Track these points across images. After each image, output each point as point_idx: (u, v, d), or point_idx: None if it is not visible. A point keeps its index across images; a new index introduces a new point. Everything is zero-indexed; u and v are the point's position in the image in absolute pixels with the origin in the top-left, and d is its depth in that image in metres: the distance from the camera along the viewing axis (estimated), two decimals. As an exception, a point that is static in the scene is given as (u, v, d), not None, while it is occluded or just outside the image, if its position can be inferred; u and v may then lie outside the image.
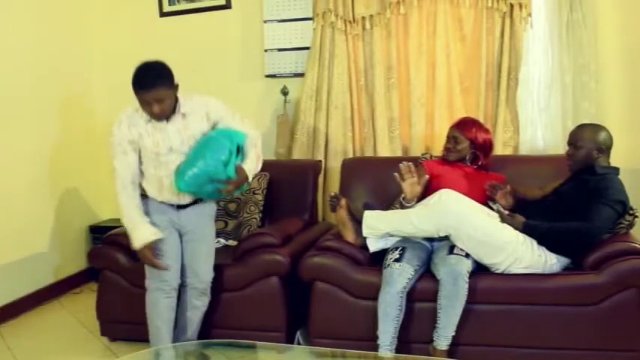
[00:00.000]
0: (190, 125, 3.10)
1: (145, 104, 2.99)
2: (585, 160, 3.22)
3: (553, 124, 4.20)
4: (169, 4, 4.88)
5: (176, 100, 3.09)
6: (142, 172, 3.18)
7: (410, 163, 3.46)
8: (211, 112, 3.17)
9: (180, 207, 3.22)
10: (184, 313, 3.28)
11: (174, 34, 4.87)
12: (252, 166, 3.16)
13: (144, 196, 3.21)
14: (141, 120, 3.10)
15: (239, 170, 3.07)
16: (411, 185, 3.43)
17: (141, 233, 3.10)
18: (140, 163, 3.16)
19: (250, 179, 3.17)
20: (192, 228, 3.25)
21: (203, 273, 3.27)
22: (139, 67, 3.03)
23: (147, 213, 3.16)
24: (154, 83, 2.94)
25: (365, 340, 3.11)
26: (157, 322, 3.18)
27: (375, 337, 3.05)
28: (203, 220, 3.30)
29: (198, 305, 3.29)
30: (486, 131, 3.70)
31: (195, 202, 3.24)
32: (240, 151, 3.12)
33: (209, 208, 3.34)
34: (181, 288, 3.26)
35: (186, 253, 3.26)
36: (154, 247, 3.12)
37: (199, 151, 3.04)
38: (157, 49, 4.86)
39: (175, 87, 3.05)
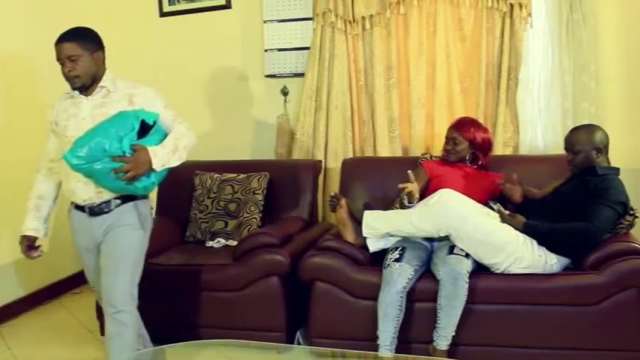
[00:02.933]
0: (108, 104, 2.79)
1: (60, 64, 2.83)
2: (586, 163, 3.22)
3: (553, 124, 4.20)
4: (169, 4, 4.87)
5: (102, 74, 2.86)
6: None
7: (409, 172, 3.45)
8: (137, 96, 2.83)
9: (93, 213, 2.83)
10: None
11: (174, 34, 4.87)
12: (162, 152, 2.72)
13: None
14: (65, 97, 2.92)
15: (139, 149, 2.65)
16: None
17: (24, 223, 3.00)
18: None
19: (158, 168, 2.71)
20: (104, 239, 2.84)
21: (111, 295, 2.80)
22: None
23: (72, 231, 2.96)
24: (67, 37, 2.81)
25: (365, 340, 3.11)
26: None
27: (375, 337, 3.05)
28: (118, 231, 2.83)
29: (111, 333, 2.81)
30: (485, 130, 3.71)
31: (108, 206, 2.81)
32: (148, 132, 2.73)
33: (129, 216, 2.86)
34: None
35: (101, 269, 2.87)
36: (29, 242, 3.00)
37: (99, 124, 2.68)
38: (157, 49, 4.90)
39: (96, 54, 2.86)
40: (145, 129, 2.72)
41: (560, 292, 3.04)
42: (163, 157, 2.73)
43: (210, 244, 3.96)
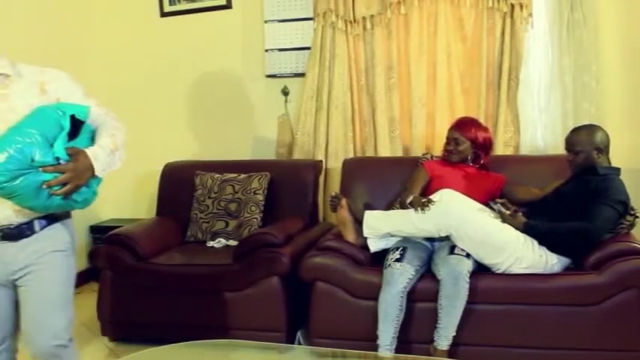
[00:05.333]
0: (12, 96, 2.11)
1: None
2: (586, 163, 3.22)
3: (553, 125, 4.19)
4: (170, 4, 4.87)
5: None
6: None
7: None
8: (49, 82, 2.20)
9: (8, 237, 2.16)
10: None
11: (175, 34, 4.87)
12: (102, 154, 2.15)
13: None
14: None
15: (76, 153, 2.06)
16: None
17: None
18: None
19: (100, 173, 2.15)
20: (28, 271, 2.20)
21: (43, 340, 2.24)
22: None
23: None
24: None
25: (365, 340, 3.11)
26: None
27: (375, 337, 3.05)
28: (48, 260, 2.22)
29: None
30: (485, 130, 3.71)
31: (31, 228, 2.18)
32: (79, 131, 2.15)
33: (60, 240, 2.28)
34: None
35: (20, 308, 2.26)
36: None
37: (14, 127, 2.01)
38: (158, 49, 4.90)
39: None
40: (74, 127, 2.13)
41: (561, 292, 3.04)
42: (105, 159, 2.16)
43: (210, 244, 3.96)
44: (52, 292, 2.24)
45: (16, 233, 2.17)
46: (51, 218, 2.23)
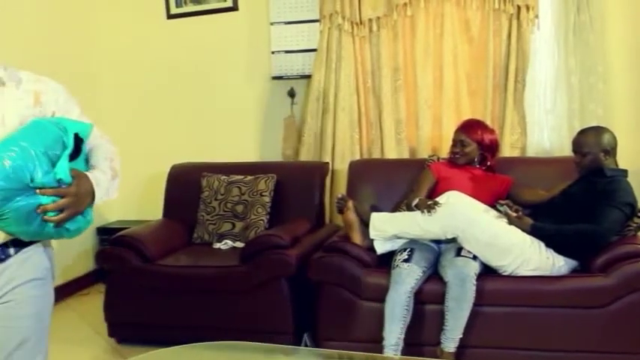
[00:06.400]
0: (2, 101, 1.76)
1: None
2: (594, 165, 3.21)
3: (560, 126, 4.19)
4: (176, 6, 4.88)
5: None
6: None
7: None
8: (45, 93, 1.86)
9: None
10: None
11: (182, 35, 4.88)
12: (103, 179, 1.86)
13: None
14: None
15: (77, 176, 1.76)
16: None
17: None
18: None
19: (99, 201, 1.84)
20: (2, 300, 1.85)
21: None
22: None
23: None
24: None
25: (372, 342, 3.10)
26: None
27: (381, 338, 3.05)
28: (24, 291, 1.91)
29: None
30: (491, 131, 3.71)
31: (5, 252, 1.82)
32: (80, 151, 1.86)
33: (38, 266, 1.97)
34: None
35: None
36: None
37: (11, 137, 1.69)
38: (164, 50, 4.91)
39: None
40: (75, 147, 1.82)
41: (568, 294, 3.03)
42: (105, 185, 1.88)
43: (217, 245, 3.96)
44: (25, 330, 1.94)
45: None
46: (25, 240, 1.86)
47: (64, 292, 4.60)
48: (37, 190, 1.67)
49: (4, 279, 1.82)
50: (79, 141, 1.83)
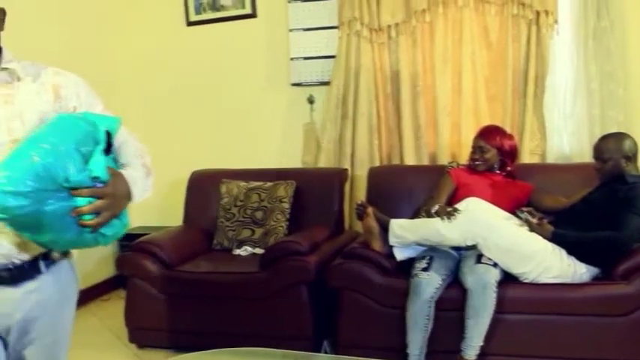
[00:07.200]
0: (18, 98, 1.62)
1: None
2: (615, 171, 3.20)
3: (579, 132, 4.16)
4: (196, 14, 4.92)
5: None
6: None
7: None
8: (66, 87, 1.72)
9: (8, 280, 1.62)
10: None
11: (201, 43, 4.92)
12: (139, 177, 1.73)
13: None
14: None
15: (115, 176, 1.61)
16: None
17: None
18: None
19: (136, 201, 1.71)
20: (34, 324, 1.72)
21: None
22: None
23: None
24: None
25: (392, 350, 3.11)
26: None
27: (405, 346, 3.04)
28: (58, 312, 1.82)
29: None
30: (510, 137, 3.70)
31: (36, 267, 1.67)
32: (111, 148, 1.67)
33: (69, 283, 1.85)
34: None
35: None
36: None
37: (37, 135, 1.52)
38: (184, 57, 4.95)
39: None
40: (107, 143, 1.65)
41: (590, 302, 3.01)
42: (142, 184, 1.74)
43: (237, 252, 3.98)
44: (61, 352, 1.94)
45: (16, 276, 1.63)
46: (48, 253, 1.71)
47: (85, 297, 4.64)
48: (72, 191, 1.50)
49: (33, 299, 1.67)
50: (108, 137, 1.66)
